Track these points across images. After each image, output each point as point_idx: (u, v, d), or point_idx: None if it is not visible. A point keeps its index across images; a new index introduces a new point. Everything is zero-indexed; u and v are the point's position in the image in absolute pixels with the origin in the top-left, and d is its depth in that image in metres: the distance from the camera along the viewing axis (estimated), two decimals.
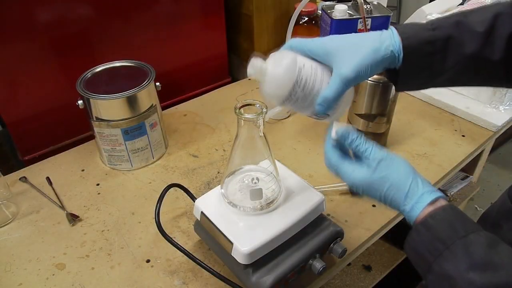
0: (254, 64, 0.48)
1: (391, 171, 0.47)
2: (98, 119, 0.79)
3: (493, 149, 1.47)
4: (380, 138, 0.89)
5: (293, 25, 0.78)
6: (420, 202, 0.45)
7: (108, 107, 0.78)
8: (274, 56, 0.49)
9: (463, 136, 0.93)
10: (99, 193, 0.81)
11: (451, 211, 0.43)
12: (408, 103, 1.03)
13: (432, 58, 0.49)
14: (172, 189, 0.72)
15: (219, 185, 0.64)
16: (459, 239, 0.41)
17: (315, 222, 0.63)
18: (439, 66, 0.50)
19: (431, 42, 0.48)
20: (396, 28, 0.49)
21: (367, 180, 0.47)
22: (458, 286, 0.39)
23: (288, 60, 0.48)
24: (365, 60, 0.47)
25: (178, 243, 0.63)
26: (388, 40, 0.48)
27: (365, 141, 0.49)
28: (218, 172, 0.85)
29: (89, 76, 0.83)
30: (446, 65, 0.49)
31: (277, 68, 0.48)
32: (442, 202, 0.45)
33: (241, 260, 0.56)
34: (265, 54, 0.49)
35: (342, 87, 0.47)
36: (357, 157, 0.50)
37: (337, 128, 0.50)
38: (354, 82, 0.48)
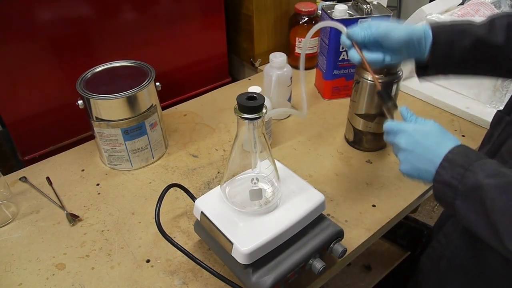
0: None
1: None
2: (98, 119, 0.79)
3: None
4: (380, 138, 0.88)
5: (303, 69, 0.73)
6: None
7: (108, 107, 0.78)
8: None
9: (463, 136, 0.93)
10: (99, 193, 0.81)
11: (464, 146, 0.54)
12: (408, 103, 1.03)
13: (453, 38, 0.63)
14: (172, 189, 0.72)
15: (219, 185, 0.64)
16: (475, 162, 0.50)
17: (315, 222, 0.63)
18: (459, 46, 0.63)
19: (451, 25, 0.64)
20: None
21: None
22: (481, 190, 0.48)
23: None
24: (400, 27, 0.64)
25: (178, 243, 0.63)
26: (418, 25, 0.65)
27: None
28: (218, 172, 0.85)
29: (89, 76, 0.83)
30: (463, 44, 0.62)
31: None
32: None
33: (241, 260, 0.56)
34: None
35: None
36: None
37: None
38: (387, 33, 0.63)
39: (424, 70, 0.67)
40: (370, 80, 0.80)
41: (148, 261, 0.68)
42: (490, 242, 0.49)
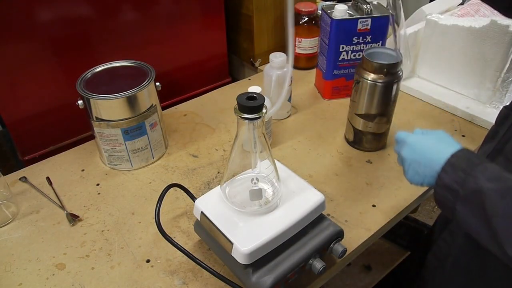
0: None
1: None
2: (98, 119, 0.79)
3: None
4: (380, 138, 0.89)
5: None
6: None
7: (108, 107, 0.78)
8: None
9: (463, 136, 0.92)
10: (99, 193, 0.81)
11: (466, 150, 0.54)
12: (408, 103, 1.03)
13: None
14: (172, 189, 0.72)
15: (219, 185, 0.64)
16: (477, 167, 0.50)
17: (315, 222, 0.63)
18: None
19: None
20: None
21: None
22: (481, 194, 0.48)
23: None
24: None
25: (178, 243, 0.63)
26: None
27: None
28: (218, 172, 0.85)
29: (89, 76, 0.83)
30: None
31: None
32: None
33: (241, 260, 0.56)
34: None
35: None
36: None
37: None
38: None
39: None
40: (370, 80, 0.80)
41: (148, 261, 0.68)
42: (490, 247, 0.49)
